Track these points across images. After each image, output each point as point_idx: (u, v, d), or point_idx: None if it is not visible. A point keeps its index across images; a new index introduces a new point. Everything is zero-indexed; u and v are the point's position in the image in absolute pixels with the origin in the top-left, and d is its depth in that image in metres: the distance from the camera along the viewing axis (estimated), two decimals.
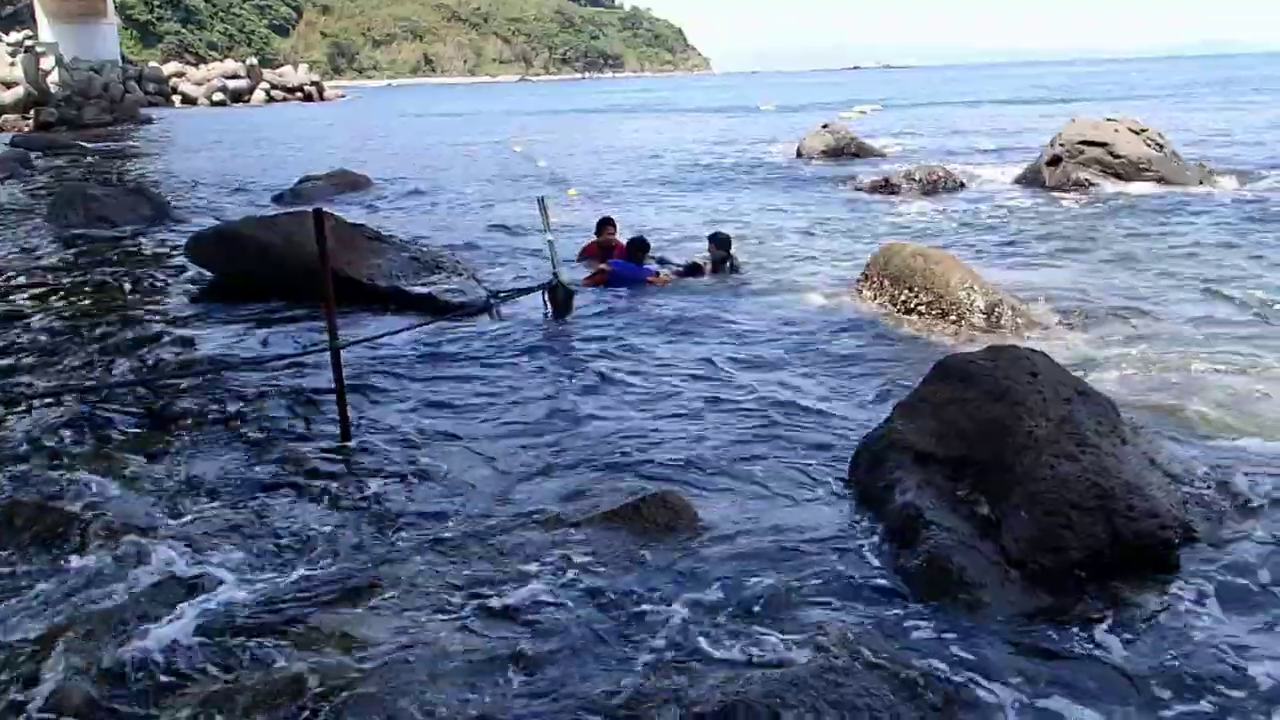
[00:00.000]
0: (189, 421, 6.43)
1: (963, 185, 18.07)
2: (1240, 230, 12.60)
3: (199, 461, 5.67)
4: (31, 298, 10.36)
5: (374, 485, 5.32)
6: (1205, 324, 8.20)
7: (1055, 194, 16.33)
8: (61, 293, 10.61)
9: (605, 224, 11.65)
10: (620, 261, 10.34)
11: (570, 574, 4.27)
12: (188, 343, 8.51)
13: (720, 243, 10.75)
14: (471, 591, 4.15)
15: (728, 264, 10.66)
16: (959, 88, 79.56)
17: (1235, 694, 3.45)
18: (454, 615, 3.96)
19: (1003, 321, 8.19)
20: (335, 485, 5.33)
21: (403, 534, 4.75)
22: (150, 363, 7.94)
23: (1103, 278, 10.15)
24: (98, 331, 8.88)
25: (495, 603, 4.06)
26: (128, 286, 10.94)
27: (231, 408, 6.67)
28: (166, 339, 8.62)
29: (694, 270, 10.57)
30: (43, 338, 8.69)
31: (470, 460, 5.67)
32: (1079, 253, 11.56)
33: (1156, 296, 9.23)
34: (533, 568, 4.33)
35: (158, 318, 9.47)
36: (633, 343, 8.10)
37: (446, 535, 4.71)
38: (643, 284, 10.09)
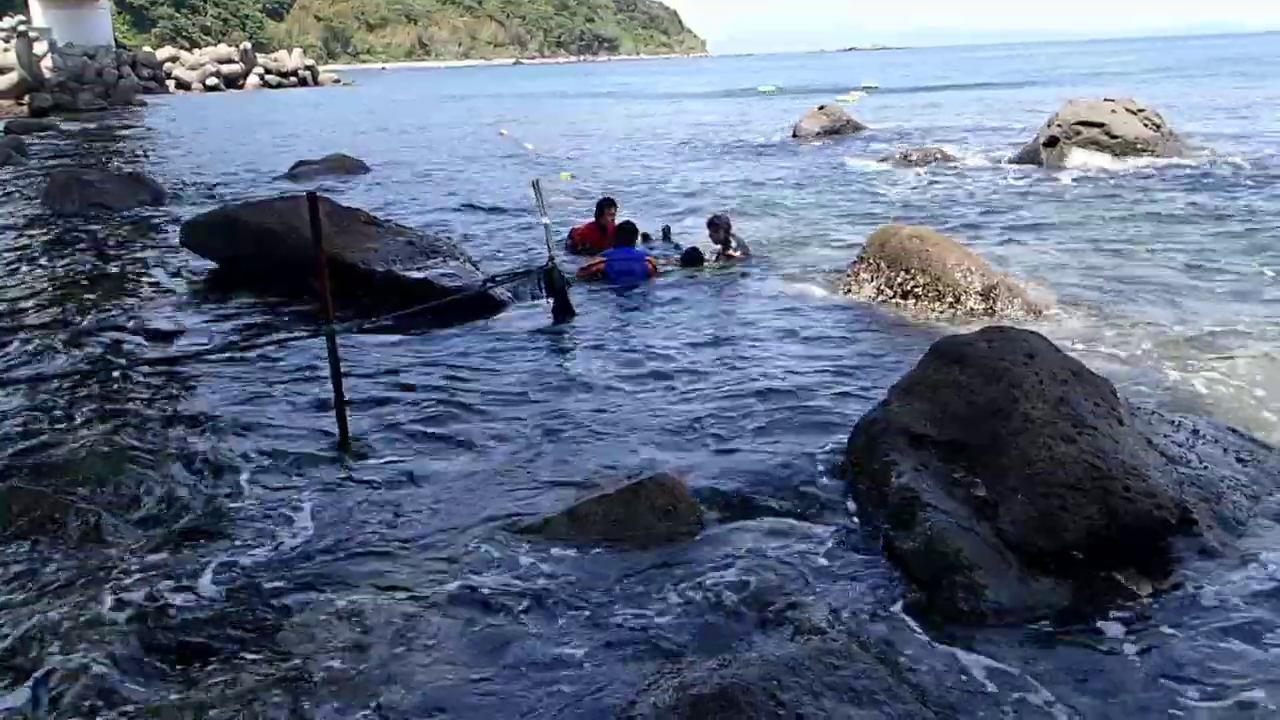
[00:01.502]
0: (181, 408, 6.42)
1: (960, 166, 18.04)
2: (1238, 209, 12.59)
3: (189, 448, 5.65)
4: (26, 284, 10.33)
5: (369, 472, 5.32)
6: (1204, 304, 8.20)
7: (1052, 174, 16.31)
8: (56, 279, 10.58)
9: (606, 205, 11.11)
10: (615, 250, 10.00)
11: (567, 558, 4.27)
12: (182, 328, 8.48)
13: (718, 226, 10.52)
14: (469, 578, 4.15)
15: (731, 245, 10.42)
16: (956, 69, 79.34)
17: (1233, 676, 3.45)
18: (451, 603, 3.96)
19: (999, 303, 8.18)
20: (330, 472, 5.33)
21: (396, 522, 4.74)
22: (145, 348, 7.92)
23: (1100, 258, 10.14)
24: (91, 317, 8.86)
25: (493, 588, 4.06)
26: (123, 272, 10.91)
27: (225, 392, 6.66)
28: (161, 324, 8.59)
29: (693, 258, 10.25)
30: (35, 324, 8.67)
31: (466, 445, 5.66)
32: (1076, 233, 11.54)
33: (1154, 276, 9.22)
34: (530, 553, 4.33)
35: (153, 303, 9.45)
36: (628, 328, 8.09)
37: (442, 521, 4.72)
38: (643, 273, 9.77)
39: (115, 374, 7.08)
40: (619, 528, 4.47)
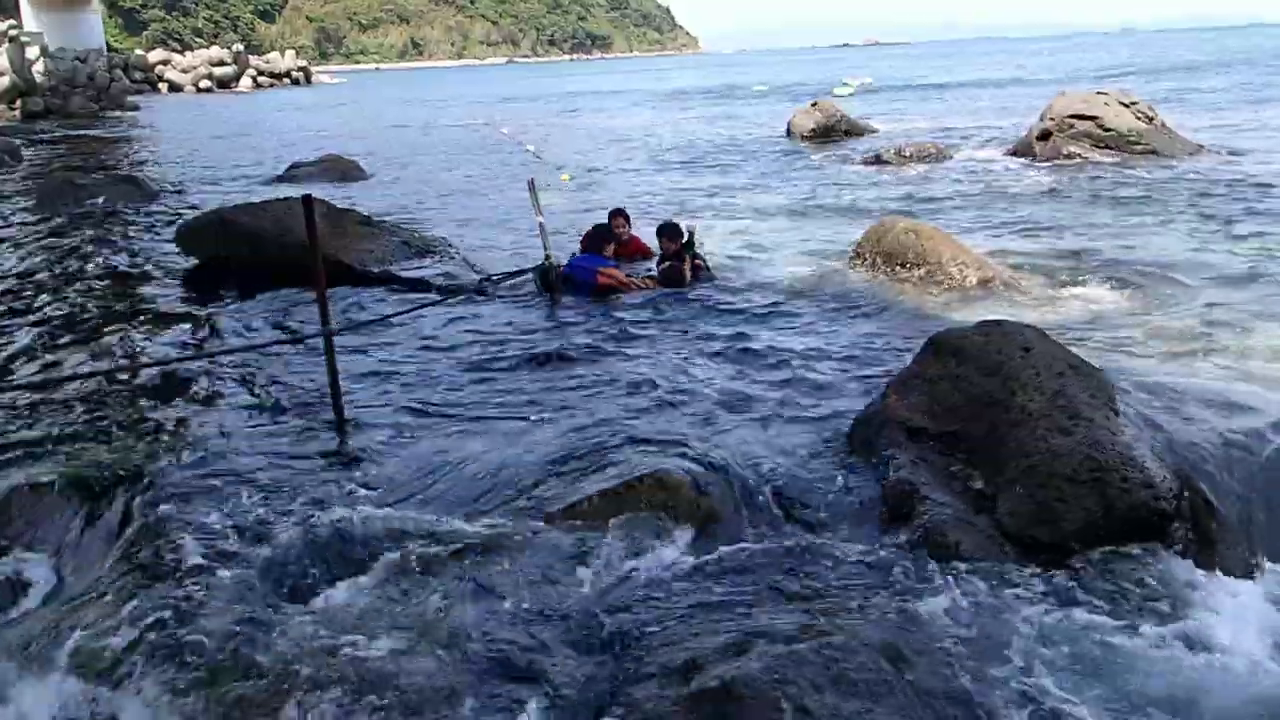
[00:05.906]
0: (177, 410, 6.41)
1: (954, 160, 18.05)
2: (1231, 201, 12.61)
3: (185, 450, 5.65)
4: (20, 287, 10.31)
5: (367, 470, 5.31)
6: (1198, 295, 8.21)
7: (1045, 167, 16.33)
8: (50, 281, 10.56)
9: (615, 216, 10.21)
10: (580, 256, 9.24)
11: (566, 553, 4.28)
12: (178, 330, 8.48)
13: (666, 234, 9.52)
14: (466, 575, 4.15)
15: (694, 253, 9.29)
16: (948, 64, 79.32)
17: (1229, 666, 3.47)
18: (448, 601, 3.96)
19: (995, 295, 8.19)
20: (328, 474, 5.32)
21: (392, 523, 4.73)
22: (139, 350, 7.91)
23: (1093, 250, 10.15)
24: (86, 320, 8.84)
25: (491, 585, 4.06)
26: (117, 275, 10.89)
27: (221, 395, 6.65)
28: (156, 327, 8.59)
29: (673, 278, 9.13)
30: (30, 327, 8.65)
31: (463, 445, 5.65)
32: (1069, 225, 11.56)
33: (1148, 268, 9.23)
34: (527, 549, 4.33)
35: (148, 305, 9.43)
36: (624, 325, 8.06)
37: (438, 520, 4.71)
38: (589, 283, 8.94)
39: (110, 376, 7.06)
40: (617, 523, 4.47)
